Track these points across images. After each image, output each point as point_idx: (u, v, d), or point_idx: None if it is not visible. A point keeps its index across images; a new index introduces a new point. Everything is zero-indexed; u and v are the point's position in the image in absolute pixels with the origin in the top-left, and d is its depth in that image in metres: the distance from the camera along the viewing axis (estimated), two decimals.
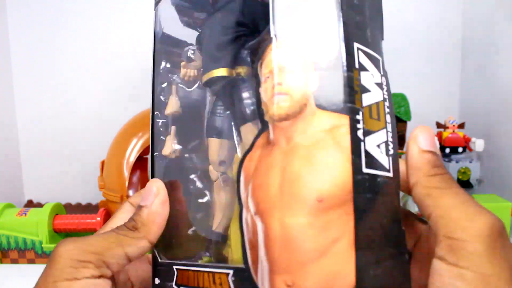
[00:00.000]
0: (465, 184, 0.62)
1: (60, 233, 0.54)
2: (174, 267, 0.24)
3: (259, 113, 0.21)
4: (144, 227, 0.23)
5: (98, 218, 0.54)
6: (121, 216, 0.26)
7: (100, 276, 0.21)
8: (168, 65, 0.26)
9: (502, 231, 0.19)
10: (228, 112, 0.25)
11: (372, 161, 0.19)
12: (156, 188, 0.24)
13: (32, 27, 0.73)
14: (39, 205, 0.74)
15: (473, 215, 0.19)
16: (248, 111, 0.23)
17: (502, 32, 0.62)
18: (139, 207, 0.24)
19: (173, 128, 0.26)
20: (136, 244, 0.23)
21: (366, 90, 0.20)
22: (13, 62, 0.74)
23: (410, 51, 0.74)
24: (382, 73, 0.21)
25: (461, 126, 0.64)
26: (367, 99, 0.20)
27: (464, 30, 0.72)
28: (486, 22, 0.66)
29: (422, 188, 0.21)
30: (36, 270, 0.51)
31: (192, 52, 0.26)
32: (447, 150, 0.63)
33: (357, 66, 0.20)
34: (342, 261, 0.18)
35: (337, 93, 0.19)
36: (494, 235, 0.18)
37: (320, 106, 0.20)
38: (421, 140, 0.21)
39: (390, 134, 0.21)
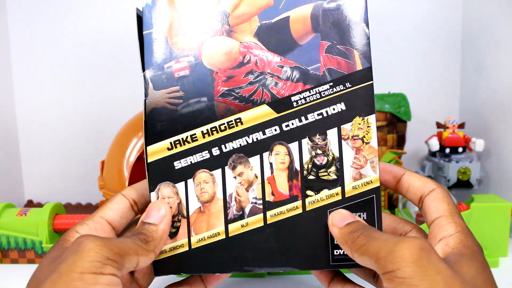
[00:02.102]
0: (465, 184, 0.62)
1: (60, 233, 0.54)
2: None
3: None
4: (154, 242, 0.26)
5: None
6: (113, 206, 0.29)
7: (117, 276, 0.23)
8: None
9: (424, 248, 0.21)
10: None
11: None
12: (165, 210, 0.28)
13: (32, 27, 0.74)
14: (39, 205, 0.74)
15: (394, 246, 0.22)
16: None
17: (502, 31, 0.62)
18: (147, 224, 0.27)
19: None
20: (147, 255, 0.26)
21: None
22: (13, 62, 0.74)
23: (410, 51, 0.74)
24: None
25: (461, 126, 0.64)
26: None
27: (464, 30, 0.72)
28: (486, 22, 0.67)
29: (356, 251, 0.24)
30: None
31: None
32: (447, 150, 0.63)
33: None
34: None
35: None
36: (417, 256, 0.21)
37: None
38: (335, 220, 0.27)
39: None
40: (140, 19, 0.30)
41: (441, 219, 0.26)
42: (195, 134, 0.29)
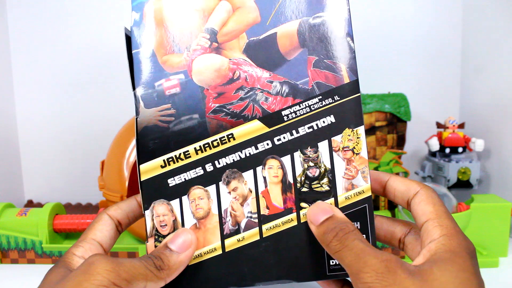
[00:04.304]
0: (465, 184, 0.62)
1: (60, 233, 0.54)
2: None
3: None
4: (168, 271, 0.26)
5: None
6: (102, 228, 0.29)
7: None
8: None
9: (389, 269, 0.22)
10: None
11: None
12: (191, 241, 0.27)
13: (32, 27, 0.74)
14: (39, 205, 0.74)
15: (363, 265, 0.23)
16: None
17: (502, 32, 0.62)
18: (169, 249, 0.27)
19: None
20: (156, 282, 0.25)
21: None
22: (13, 62, 0.74)
23: (410, 51, 0.74)
24: None
25: (461, 126, 0.64)
26: None
27: (464, 30, 0.73)
28: (486, 22, 0.67)
29: (332, 255, 0.25)
30: (36, 270, 0.51)
31: None
32: (447, 150, 0.63)
33: None
34: None
35: None
36: (382, 277, 0.22)
37: None
38: (311, 217, 0.27)
39: None
40: (128, 38, 0.30)
41: (428, 223, 0.25)
42: (188, 151, 0.29)
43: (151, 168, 0.29)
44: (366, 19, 0.74)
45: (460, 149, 0.63)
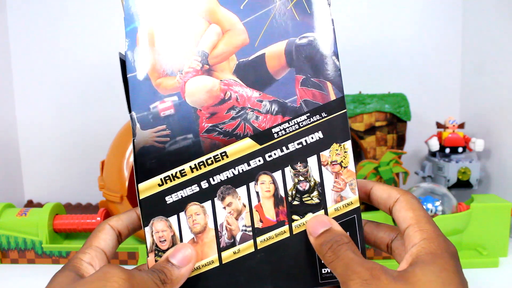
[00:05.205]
0: (465, 184, 0.62)
1: (60, 233, 0.54)
2: None
3: None
4: (171, 285, 0.28)
5: (98, 218, 0.54)
6: (104, 237, 0.30)
7: None
8: None
9: (373, 276, 0.23)
10: None
11: None
12: (191, 255, 0.29)
13: (32, 27, 0.74)
14: (39, 205, 0.75)
15: (350, 274, 0.24)
16: None
17: (502, 31, 0.62)
18: (170, 263, 0.28)
19: None
20: None
21: None
22: (13, 62, 0.74)
23: (410, 51, 0.74)
24: None
25: (461, 126, 0.64)
26: None
27: (464, 30, 0.73)
28: (486, 22, 0.67)
29: (327, 265, 0.27)
30: (36, 270, 0.52)
31: None
32: (447, 150, 0.63)
33: None
34: None
35: None
36: (367, 284, 0.23)
37: None
38: (311, 229, 0.28)
39: None
40: (123, 63, 0.31)
41: (409, 228, 0.26)
42: (183, 169, 0.30)
43: (149, 187, 0.30)
44: (366, 19, 0.74)
45: (460, 149, 0.63)
